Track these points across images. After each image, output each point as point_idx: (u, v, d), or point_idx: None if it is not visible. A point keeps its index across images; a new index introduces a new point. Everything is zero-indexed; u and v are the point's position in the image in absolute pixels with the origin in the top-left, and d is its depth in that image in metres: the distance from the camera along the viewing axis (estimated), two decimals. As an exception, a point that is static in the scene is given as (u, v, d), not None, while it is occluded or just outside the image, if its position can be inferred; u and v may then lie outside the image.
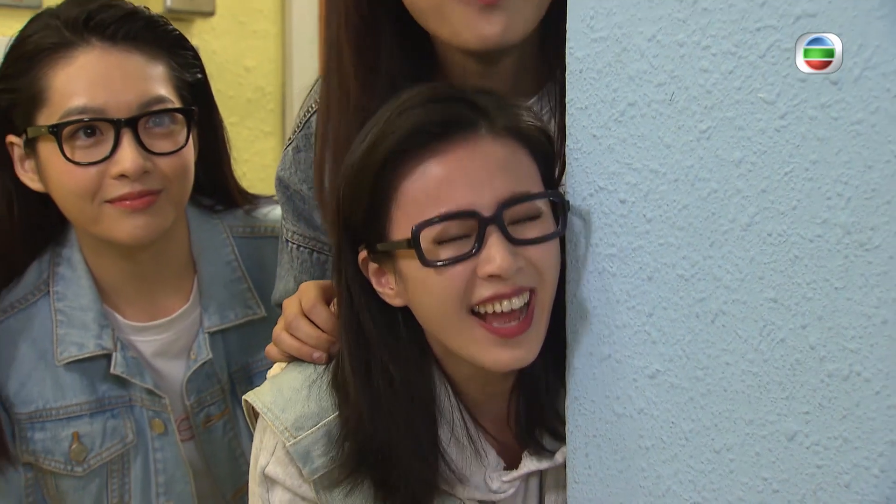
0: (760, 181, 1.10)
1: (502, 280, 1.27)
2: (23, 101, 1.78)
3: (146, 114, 1.76)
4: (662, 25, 1.18)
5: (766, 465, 1.14)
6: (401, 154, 1.28)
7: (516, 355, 1.31)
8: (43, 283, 1.91)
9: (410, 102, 1.29)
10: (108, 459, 1.91)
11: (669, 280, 1.22)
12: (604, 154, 1.28)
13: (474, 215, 1.27)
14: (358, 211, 1.33)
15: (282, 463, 1.43)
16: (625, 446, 1.31)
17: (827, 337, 1.06)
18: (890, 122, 0.98)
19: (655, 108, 1.21)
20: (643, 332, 1.27)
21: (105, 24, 1.76)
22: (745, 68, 1.10)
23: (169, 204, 1.81)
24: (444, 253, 1.28)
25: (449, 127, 1.28)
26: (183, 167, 1.83)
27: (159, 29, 1.84)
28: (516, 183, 1.29)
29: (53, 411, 1.87)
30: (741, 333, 1.15)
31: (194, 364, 1.95)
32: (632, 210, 1.26)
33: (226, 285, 1.99)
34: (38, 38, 1.78)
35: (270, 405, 1.45)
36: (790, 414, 1.10)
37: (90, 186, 1.74)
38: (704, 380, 1.20)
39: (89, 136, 1.73)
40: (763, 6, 1.07)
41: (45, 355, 1.88)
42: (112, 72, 1.75)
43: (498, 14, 1.44)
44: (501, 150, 1.29)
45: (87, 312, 1.89)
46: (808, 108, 1.04)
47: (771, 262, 1.10)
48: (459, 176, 1.27)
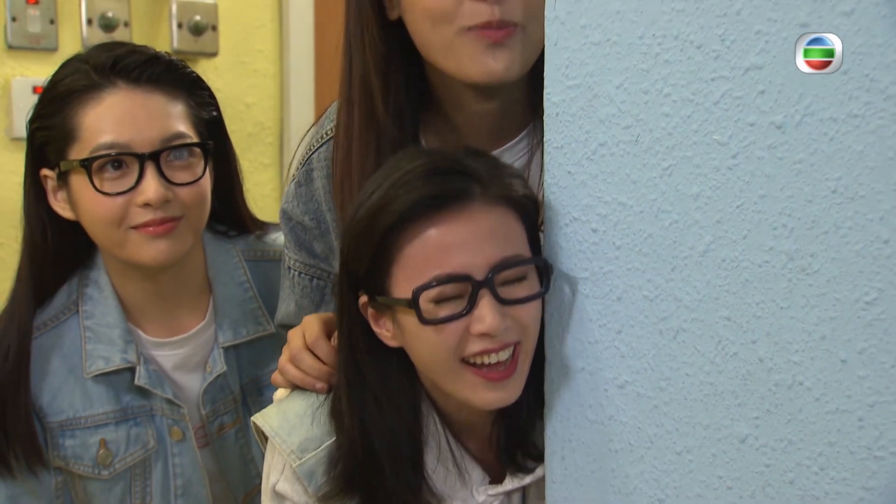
0: (715, 213, 1.13)
1: (491, 337, 1.30)
2: (56, 138, 1.81)
3: (167, 148, 1.79)
4: (629, 75, 1.21)
5: (721, 465, 1.16)
6: (403, 222, 1.30)
7: (502, 396, 1.34)
8: (72, 303, 1.93)
9: (413, 174, 1.31)
10: (132, 464, 1.93)
11: (636, 301, 1.25)
12: (578, 188, 1.30)
13: (468, 279, 1.29)
14: (361, 264, 1.36)
15: (290, 481, 1.46)
16: (597, 449, 1.33)
17: (774, 351, 1.09)
18: (827, 161, 1.01)
19: (623, 148, 1.23)
20: (613, 347, 1.29)
21: (130, 67, 1.80)
22: (702, 114, 1.13)
23: (188, 230, 1.84)
24: (440, 311, 1.31)
25: (447, 199, 1.31)
26: (201, 196, 1.86)
27: (178, 71, 1.88)
28: (506, 248, 1.32)
29: (82, 420, 1.89)
30: (699, 348, 1.17)
31: (210, 376, 1.97)
32: (603, 238, 1.28)
33: (238, 304, 2.01)
34: (69, 81, 1.82)
35: (278, 429, 1.49)
36: (742, 419, 1.13)
37: (117, 214, 1.78)
38: (667, 389, 1.22)
39: (116, 168, 1.77)
40: (717, 59, 1.10)
41: (74, 369, 1.90)
42: (136, 111, 1.79)
43: (502, 52, 1.47)
44: (493, 218, 1.32)
45: (113, 329, 1.91)
46: (756, 149, 1.08)
47: (725, 285, 1.13)
48: (455, 242, 1.30)
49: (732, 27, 1.09)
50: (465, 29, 1.47)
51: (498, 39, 1.46)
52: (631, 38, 1.20)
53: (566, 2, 1.28)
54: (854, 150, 0.99)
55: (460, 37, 1.48)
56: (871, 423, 1.01)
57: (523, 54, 1.50)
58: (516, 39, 1.48)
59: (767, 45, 1.06)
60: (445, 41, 1.50)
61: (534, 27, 1.47)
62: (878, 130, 0.97)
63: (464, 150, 1.41)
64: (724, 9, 1.09)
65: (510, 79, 1.51)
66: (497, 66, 1.48)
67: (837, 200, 1.01)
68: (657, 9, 1.17)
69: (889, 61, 0.96)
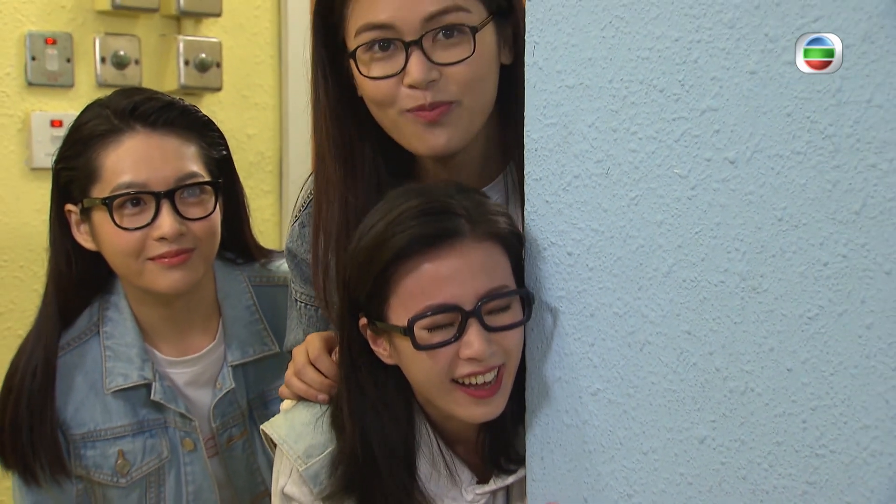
0: (677, 238, 1.16)
1: (478, 361, 1.32)
2: (79, 177, 1.83)
3: (181, 186, 1.82)
4: (600, 115, 1.23)
5: (682, 463, 1.19)
6: (400, 258, 1.33)
7: (487, 411, 1.37)
8: (94, 325, 1.95)
9: (408, 213, 1.34)
10: (147, 472, 1.94)
11: (607, 317, 1.27)
12: (555, 216, 1.32)
13: (457, 309, 1.32)
14: (362, 292, 1.38)
15: (297, 484, 1.48)
16: (572, 451, 1.35)
17: (728, 361, 1.12)
18: (774, 193, 1.04)
19: (595, 180, 1.26)
20: (587, 358, 1.31)
21: (147, 113, 1.83)
22: (664, 150, 1.16)
23: (200, 260, 1.87)
24: (432, 338, 1.33)
25: (439, 237, 1.33)
26: (211, 230, 1.88)
27: (191, 116, 1.90)
28: (493, 280, 1.34)
29: (102, 432, 1.91)
30: (663, 359, 1.20)
31: (220, 392, 1.98)
32: (577, 261, 1.30)
33: (245, 326, 2.02)
34: (92, 126, 1.84)
35: (285, 437, 1.51)
36: (700, 422, 1.16)
37: (136, 247, 1.80)
38: (635, 396, 1.24)
39: (135, 205, 1.80)
40: (677, 101, 1.13)
41: (95, 385, 1.92)
42: (153, 152, 1.82)
43: (441, 129, 1.49)
44: (481, 252, 1.34)
45: (131, 349, 1.93)
46: (713, 182, 1.10)
47: (685, 302, 1.16)
48: (446, 275, 1.32)
49: (690, 73, 1.12)
50: (405, 111, 1.50)
51: (433, 119, 1.49)
52: (601, 82, 1.23)
53: (543, 50, 1.30)
54: (797, 184, 1.02)
55: (402, 117, 1.51)
56: (813, 425, 1.04)
57: (462, 126, 1.52)
58: (452, 115, 1.50)
59: (721, 88, 1.08)
60: (391, 121, 1.53)
61: (470, 99, 1.51)
62: (817, 166, 1.00)
63: (454, 187, 1.42)
64: (683, 57, 1.12)
65: (455, 149, 1.53)
66: (438, 141, 1.51)
67: (783, 228, 1.04)
68: (624, 56, 1.19)
69: (826, 105, 0.99)
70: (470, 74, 1.50)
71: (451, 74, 1.49)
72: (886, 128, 0.95)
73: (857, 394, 1.00)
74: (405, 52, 1.48)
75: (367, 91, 1.54)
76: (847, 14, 0.97)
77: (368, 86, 1.52)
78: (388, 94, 1.50)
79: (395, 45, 1.49)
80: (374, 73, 1.50)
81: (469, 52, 1.49)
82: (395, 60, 1.49)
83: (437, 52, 1.48)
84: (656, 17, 1.15)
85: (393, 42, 1.49)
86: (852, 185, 0.98)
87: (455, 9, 1.48)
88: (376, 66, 1.50)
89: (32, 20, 2.86)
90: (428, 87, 1.48)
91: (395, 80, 1.49)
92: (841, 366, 1.01)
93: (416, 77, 1.47)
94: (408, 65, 1.48)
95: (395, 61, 1.49)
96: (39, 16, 2.87)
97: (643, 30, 1.17)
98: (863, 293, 0.99)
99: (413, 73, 1.47)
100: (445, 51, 1.49)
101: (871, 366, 0.99)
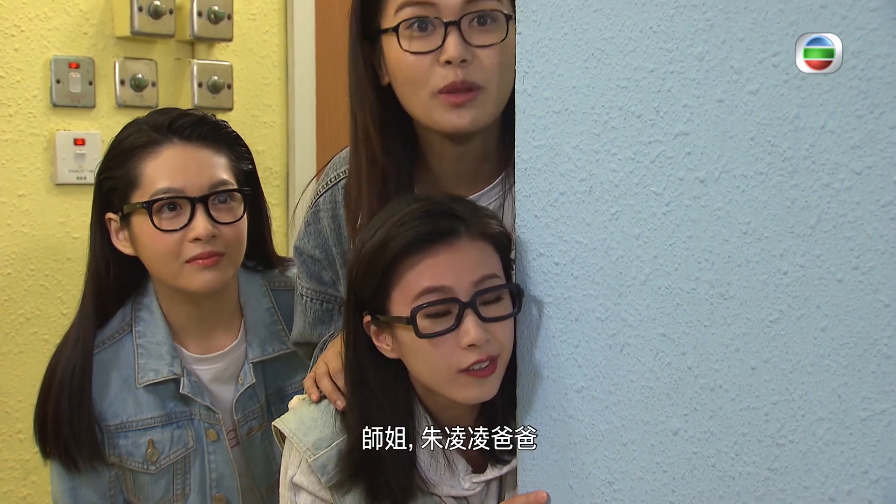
0: (653, 250, 1.18)
1: (477, 347, 1.35)
2: (121, 185, 1.88)
3: (214, 193, 1.87)
4: (583, 138, 1.25)
5: (658, 453, 1.21)
6: (403, 255, 1.36)
7: (483, 391, 1.38)
8: (127, 325, 1.99)
9: (410, 216, 1.38)
10: (175, 460, 1.98)
11: (590, 321, 1.29)
12: (542, 229, 1.34)
13: (455, 300, 1.35)
14: (367, 290, 1.41)
15: (305, 474, 1.50)
16: (559, 443, 1.36)
17: (699, 361, 1.14)
18: (739, 209, 1.07)
19: (579, 197, 1.27)
20: (572, 359, 1.32)
21: (183, 127, 1.89)
22: (641, 170, 1.18)
23: (229, 264, 1.91)
24: (433, 327, 1.36)
25: (438, 236, 1.36)
26: (240, 235, 1.93)
27: (222, 131, 1.95)
28: (485, 271, 1.38)
29: (134, 423, 1.95)
30: (640, 359, 1.22)
31: (242, 387, 2.01)
32: (563, 270, 1.32)
33: (266, 326, 2.06)
34: (132, 139, 1.89)
35: (295, 430, 1.53)
36: (674, 416, 1.18)
37: (174, 248, 1.85)
38: (615, 393, 1.26)
39: (172, 210, 1.85)
40: (653, 126, 1.15)
41: (128, 380, 1.95)
42: (188, 162, 1.88)
43: (467, 111, 1.54)
44: (476, 250, 1.38)
45: (161, 346, 1.97)
46: (685, 199, 1.13)
47: (661, 308, 1.18)
48: (445, 269, 1.36)
49: (665, 101, 1.14)
50: (437, 92, 1.53)
51: (461, 103, 1.53)
52: (585, 108, 1.25)
53: (532, 78, 1.32)
54: (760, 201, 1.05)
55: (433, 99, 1.54)
56: (774, 418, 1.07)
57: (486, 110, 1.55)
58: (478, 101, 1.54)
59: (692, 115, 1.11)
60: (422, 102, 1.56)
61: (494, 87, 1.55)
62: (778, 185, 1.03)
63: (448, 196, 1.46)
64: (658, 86, 1.15)
65: (476, 129, 1.57)
66: (462, 121, 1.54)
67: (748, 240, 1.07)
68: (605, 85, 1.22)
69: (786, 131, 1.01)
70: (499, 59, 1.54)
71: (483, 57, 1.53)
72: (838, 151, 0.98)
73: (812, 389, 1.03)
74: (444, 31, 1.52)
75: (402, 69, 1.56)
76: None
77: (405, 62, 1.55)
78: (423, 71, 1.54)
79: (433, 24, 1.53)
80: (414, 49, 1.54)
81: (502, 36, 1.54)
82: (433, 39, 1.53)
83: (473, 35, 1.53)
84: (634, 50, 1.18)
85: (431, 21, 1.53)
86: (809, 202, 1.01)
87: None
88: (415, 43, 1.54)
89: (57, 46, 2.87)
90: (461, 65, 1.52)
91: (432, 58, 1.53)
92: (799, 364, 1.04)
93: (453, 53, 1.51)
94: (445, 42, 1.52)
95: (433, 39, 1.53)
96: (64, 42, 2.88)
97: (622, 61, 1.20)
98: (818, 299, 1.01)
99: (450, 50, 1.51)
100: (480, 35, 1.54)
101: (826, 364, 1.01)
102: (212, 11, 3.07)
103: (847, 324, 0.99)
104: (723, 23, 1.08)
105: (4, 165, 2.83)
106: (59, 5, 2.89)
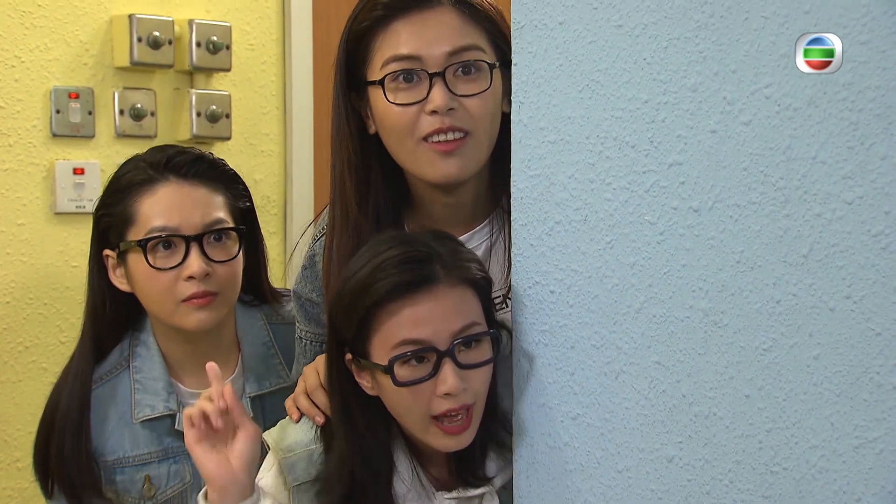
0: (648, 278, 1.19)
1: (452, 396, 1.37)
2: (117, 222, 1.87)
3: (209, 231, 1.86)
4: (578, 167, 1.26)
5: (653, 481, 1.21)
6: (382, 302, 1.37)
7: (458, 442, 1.42)
8: (124, 360, 1.97)
9: (391, 262, 1.38)
10: (172, 495, 1.95)
11: (586, 349, 1.29)
12: (538, 258, 1.35)
13: (433, 349, 1.37)
14: (347, 330, 1.42)
15: (273, 475, 1.51)
16: (555, 469, 1.36)
17: (694, 388, 1.15)
18: (733, 238, 1.08)
19: (574, 226, 1.28)
20: (567, 386, 1.33)
21: (180, 165, 1.88)
22: (636, 199, 1.19)
23: (223, 303, 1.90)
24: (410, 375, 1.38)
25: (417, 284, 1.37)
26: (234, 275, 1.91)
27: (219, 169, 1.95)
28: (465, 321, 1.39)
29: (131, 459, 1.93)
30: (635, 386, 1.22)
31: None
32: (559, 298, 1.33)
33: (263, 360, 2.04)
34: (130, 176, 1.89)
35: (276, 437, 1.56)
36: (669, 443, 1.19)
37: (168, 286, 1.84)
38: (610, 420, 1.26)
39: (166, 248, 1.84)
40: (647, 156, 1.17)
41: (124, 416, 1.93)
42: (184, 200, 1.86)
43: (454, 159, 1.55)
44: (454, 296, 1.39)
45: (158, 382, 1.95)
46: (679, 228, 1.14)
47: (655, 336, 1.19)
48: (423, 318, 1.37)
49: (658, 131, 1.16)
50: (423, 139, 1.55)
51: (449, 150, 1.54)
52: (580, 138, 1.26)
53: (528, 109, 1.33)
54: (753, 230, 1.06)
55: (420, 146, 1.56)
56: (768, 445, 1.07)
57: (473, 158, 1.57)
58: (465, 147, 1.55)
59: (686, 145, 1.13)
60: (409, 151, 1.57)
61: (481, 133, 1.56)
62: (770, 214, 1.04)
63: (432, 233, 1.47)
64: (651, 116, 1.16)
65: (465, 178, 1.58)
66: (451, 169, 1.56)
67: (741, 269, 1.08)
68: (600, 116, 1.23)
69: (778, 161, 1.03)
70: (483, 108, 1.56)
71: (468, 106, 1.55)
72: (830, 181, 0.99)
73: (806, 417, 1.03)
74: (429, 83, 1.54)
75: (389, 119, 1.58)
76: (794, 81, 1.02)
77: (392, 113, 1.57)
78: (410, 120, 1.55)
79: (418, 76, 1.55)
80: (400, 101, 1.56)
81: (486, 86, 1.57)
82: (419, 90, 1.55)
83: (458, 85, 1.55)
84: (628, 81, 1.19)
85: (417, 73, 1.55)
86: (801, 231, 1.02)
87: (475, 47, 1.57)
88: (401, 95, 1.56)
89: (57, 76, 2.87)
90: (448, 114, 1.54)
91: (418, 108, 1.55)
92: (792, 392, 1.05)
93: (439, 102, 1.53)
94: (431, 93, 1.54)
95: (418, 90, 1.55)
96: (64, 72, 2.88)
97: (616, 92, 1.21)
98: (810, 328, 1.02)
99: (436, 100, 1.53)
100: (465, 84, 1.56)
101: (819, 392, 1.02)
102: (210, 42, 3.07)
103: (839, 352, 1.00)
104: (715, 54, 1.09)
105: (4, 195, 2.82)
106: (60, 36, 2.89)
